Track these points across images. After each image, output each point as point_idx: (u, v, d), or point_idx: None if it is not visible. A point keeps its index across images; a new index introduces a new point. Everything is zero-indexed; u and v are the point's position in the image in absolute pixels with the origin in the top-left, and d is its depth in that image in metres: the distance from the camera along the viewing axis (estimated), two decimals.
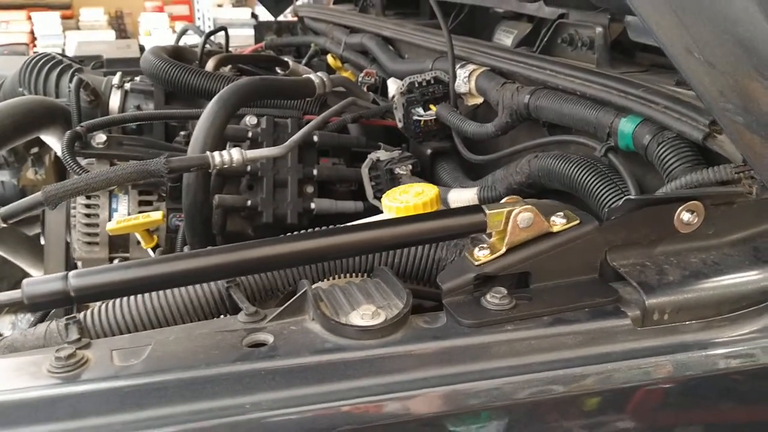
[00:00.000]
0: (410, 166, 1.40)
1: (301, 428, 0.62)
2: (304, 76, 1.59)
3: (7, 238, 1.84)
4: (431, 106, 1.44)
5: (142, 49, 2.24)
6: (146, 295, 0.77)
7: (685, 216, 0.75)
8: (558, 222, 0.74)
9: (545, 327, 0.69)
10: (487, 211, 0.72)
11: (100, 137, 1.35)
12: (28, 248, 1.86)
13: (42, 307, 0.64)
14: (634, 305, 0.71)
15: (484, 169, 1.38)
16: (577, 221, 0.74)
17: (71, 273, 0.63)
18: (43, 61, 1.70)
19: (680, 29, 0.69)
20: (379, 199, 1.41)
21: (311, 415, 0.62)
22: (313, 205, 1.42)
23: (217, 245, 1.32)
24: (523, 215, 0.71)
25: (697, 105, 0.87)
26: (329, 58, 2.17)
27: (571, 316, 0.70)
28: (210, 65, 1.72)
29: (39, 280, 0.63)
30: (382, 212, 1.40)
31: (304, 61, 2.21)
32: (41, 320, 1.07)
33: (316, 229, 0.79)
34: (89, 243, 1.35)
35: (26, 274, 2.04)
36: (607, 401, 0.69)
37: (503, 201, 0.75)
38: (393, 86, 1.80)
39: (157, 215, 1.22)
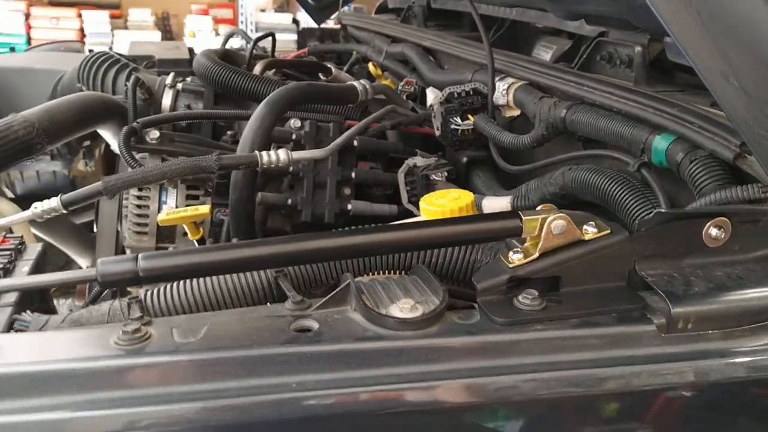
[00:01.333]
0: (445, 173, 1.45)
1: (341, 409, 0.67)
2: (347, 83, 1.65)
3: (58, 227, 1.93)
4: (469, 116, 1.49)
5: (190, 50, 2.32)
6: (200, 280, 0.83)
7: (713, 231, 0.79)
8: (590, 230, 0.78)
9: (573, 328, 0.73)
10: (523, 217, 0.76)
11: (154, 133, 1.42)
12: (77, 237, 1.94)
13: (113, 284, 0.70)
14: (659, 313, 0.75)
15: (518, 179, 1.42)
16: (608, 231, 0.79)
17: (141, 255, 0.70)
18: (102, 59, 1.79)
19: (716, 55, 0.73)
20: (413, 203, 1.47)
21: (351, 397, 0.67)
22: (349, 207, 1.47)
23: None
24: (556, 222, 0.76)
25: (730, 126, 0.91)
26: (370, 66, 2.23)
27: (598, 320, 0.74)
28: (258, 69, 1.79)
29: (112, 260, 0.70)
30: (415, 216, 1.46)
31: (345, 68, 2.27)
32: (94, 301, 1.14)
33: (360, 227, 0.84)
34: (139, 232, 1.42)
35: (69, 261, 2.13)
36: (629, 403, 0.72)
37: (538, 209, 0.79)
38: (431, 95, 1.85)
39: (204, 209, 1.28)
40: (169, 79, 1.71)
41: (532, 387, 0.69)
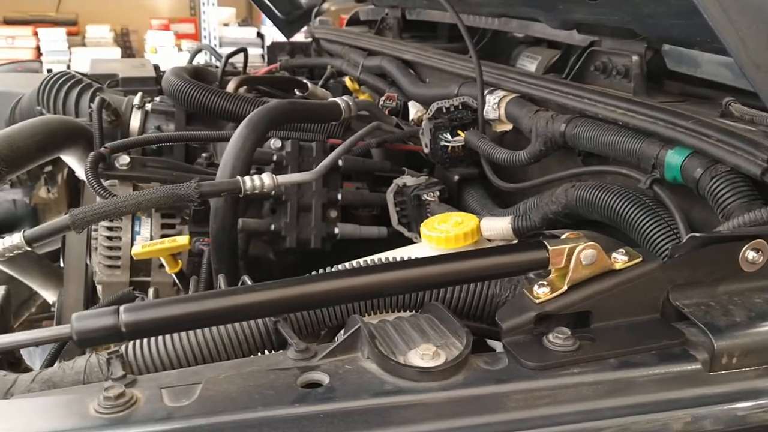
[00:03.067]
0: (438, 193, 1.38)
1: None
2: (329, 99, 1.58)
3: (18, 258, 1.80)
4: (459, 132, 1.42)
5: (156, 68, 2.22)
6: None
7: (750, 255, 0.73)
8: (620, 259, 0.72)
9: (613, 370, 0.66)
10: (550, 248, 0.69)
11: (124, 159, 1.32)
12: (40, 269, 1.82)
13: (92, 343, 0.61)
14: (701, 348, 0.68)
15: (512, 197, 1.36)
16: (640, 258, 0.72)
17: (123, 307, 0.60)
18: (63, 79, 1.68)
19: None
20: (404, 225, 1.39)
21: None
22: (336, 230, 1.39)
23: (240, 270, 1.30)
24: (586, 252, 0.69)
25: (753, 139, 0.85)
26: (347, 81, 2.16)
27: (638, 359, 0.67)
28: (231, 86, 1.70)
29: (89, 314, 0.60)
30: (407, 239, 1.38)
31: (320, 83, 2.20)
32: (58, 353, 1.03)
33: (371, 262, 0.76)
34: (111, 266, 1.31)
35: (34, 294, 2.00)
36: None
37: (563, 237, 0.73)
38: (414, 109, 1.79)
39: (183, 240, 1.19)
40: (136, 100, 1.61)
41: None
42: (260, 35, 6.40)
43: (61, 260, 1.49)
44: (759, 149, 0.83)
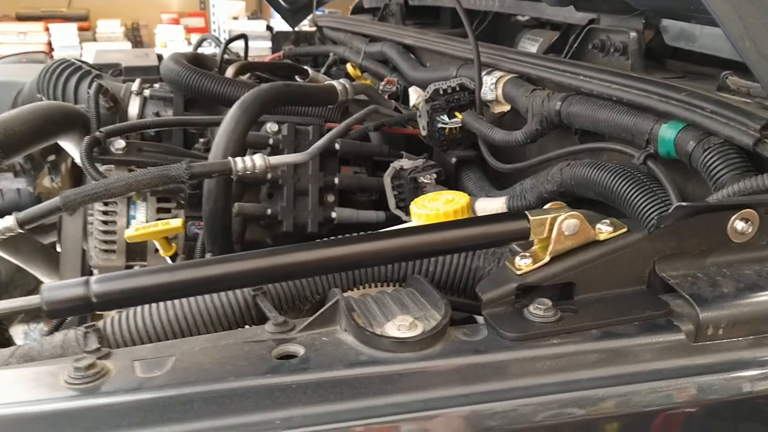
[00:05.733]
0: (434, 175, 1.37)
1: None
2: (326, 82, 1.56)
3: (22, 246, 1.81)
4: (456, 114, 1.41)
5: (160, 58, 2.22)
6: (168, 303, 0.74)
7: (739, 225, 0.71)
8: (604, 230, 0.70)
9: (594, 341, 0.64)
10: (530, 218, 0.68)
11: (119, 143, 1.32)
12: (43, 257, 1.83)
13: (62, 313, 0.61)
14: (686, 319, 0.67)
15: (510, 178, 1.34)
16: (625, 229, 0.70)
17: (93, 278, 0.60)
18: (62, 67, 1.68)
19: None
20: (401, 209, 1.38)
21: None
22: (334, 215, 1.38)
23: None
24: (568, 222, 0.68)
25: (747, 109, 0.83)
26: (348, 67, 2.15)
27: (620, 330, 0.66)
28: (230, 72, 1.69)
29: (59, 285, 0.60)
30: (405, 222, 1.37)
31: (322, 70, 2.19)
32: (56, 329, 1.04)
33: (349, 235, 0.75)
34: (106, 251, 1.31)
35: (39, 284, 2.01)
36: (659, 422, 0.64)
37: (547, 206, 0.71)
38: (414, 95, 1.77)
39: (176, 222, 1.19)
40: (135, 86, 1.60)
41: (551, 410, 0.61)
42: (269, 28, 6.39)
43: (58, 245, 1.49)
44: (752, 120, 0.81)
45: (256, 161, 1.12)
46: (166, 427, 0.55)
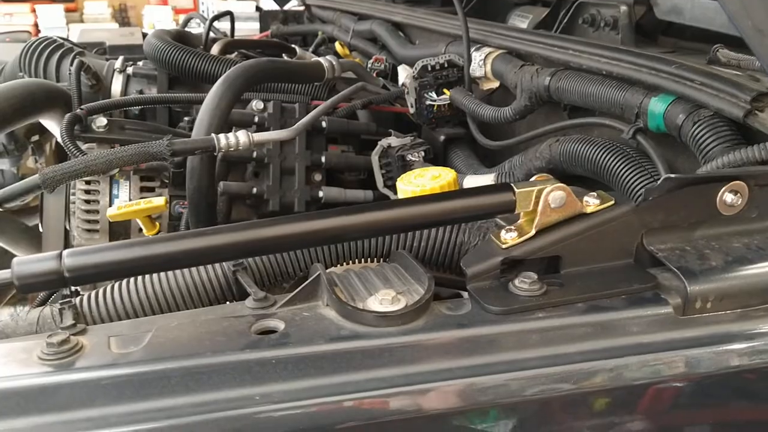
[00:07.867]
0: (423, 153, 1.35)
1: (314, 422, 0.56)
2: (313, 59, 1.54)
3: (7, 228, 1.79)
4: (445, 91, 1.39)
5: (144, 36, 2.18)
6: (147, 278, 0.72)
7: (728, 197, 0.70)
8: (591, 202, 0.69)
9: (579, 315, 0.63)
10: (516, 190, 0.66)
11: (101, 121, 1.29)
12: (28, 238, 1.80)
13: (34, 288, 0.59)
14: (674, 292, 0.66)
15: (500, 156, 1.33)
16: (612, 202, 0.69)
17: (66, 251, 0.58)
18: (44, 44, 1.65)
19: None
20: (389, 187, 1.36)
21: (326, 407, 0.57)
22: (321, 194, 1.36)
23: None
24: (555, 194, 0.66)
25: (737, 81, 0.82)
26: (337, 46, 2.12)
27: (607, 304, 0.64)
28: (215, 49, 1.66)
29: (30, 258, 0.58)
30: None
31: (311, 49, 2.16)
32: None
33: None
34: (89, 230, 1.29)
35: None
36: (645, 396, 0.63)
37: (533, 179, 0.70)
38: (403, 73, 1.75)
39: (159, 201, 1.16)
40: (118, 63, 1.57)
41: (536, 384, 0.60)
42: (258, 9, 6.32)
43: (40, 225, 1.47)
44: (742, 91, 0.80)
45: (240, 138, 1.10)
46: (142, 403, 0.54)
